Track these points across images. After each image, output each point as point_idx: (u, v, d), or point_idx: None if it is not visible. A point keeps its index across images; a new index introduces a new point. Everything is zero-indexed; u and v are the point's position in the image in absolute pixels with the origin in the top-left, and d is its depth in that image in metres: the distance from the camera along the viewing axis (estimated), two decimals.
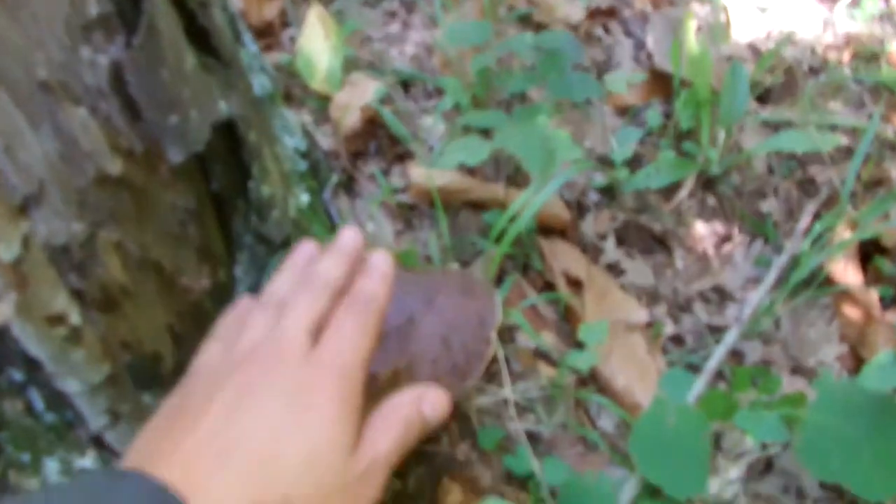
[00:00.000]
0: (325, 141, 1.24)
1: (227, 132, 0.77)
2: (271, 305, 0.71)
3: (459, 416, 0.96)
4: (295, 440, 0.60)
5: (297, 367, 0.63)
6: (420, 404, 0.70)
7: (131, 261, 0.68)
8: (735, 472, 0.93)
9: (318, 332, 0.67)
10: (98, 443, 0.68)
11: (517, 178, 1.19)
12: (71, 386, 0.63)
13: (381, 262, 0.75)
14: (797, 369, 1.06)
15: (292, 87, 1.33)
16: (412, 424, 0.69)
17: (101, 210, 0.64)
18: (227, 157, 0.79)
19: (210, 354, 0.71)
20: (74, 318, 0.60)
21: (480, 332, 0.83)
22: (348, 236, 0.77)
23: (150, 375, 0.75)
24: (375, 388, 0.76)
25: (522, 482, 0.93)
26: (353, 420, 0.63)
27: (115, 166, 0.64)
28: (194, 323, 0.78)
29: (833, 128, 1.31)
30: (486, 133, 1.12)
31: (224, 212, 0.82)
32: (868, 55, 1.46)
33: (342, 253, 0.75)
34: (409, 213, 1.17)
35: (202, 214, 0.77)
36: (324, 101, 1.30)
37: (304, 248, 0.79)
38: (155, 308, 0.73)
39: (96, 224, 0.64)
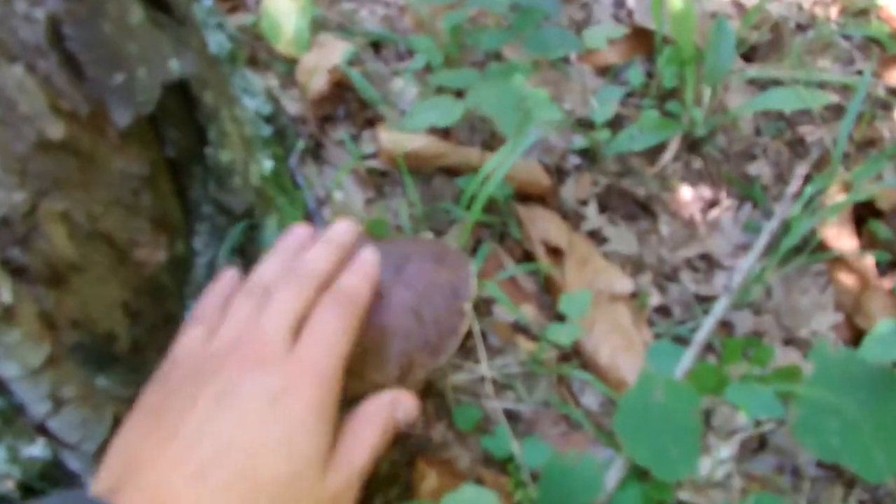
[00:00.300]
0: (292, 106, 1.21)
1: (181, 93, 0.74)
2: (256, 291, 0.72)
3: (434, 394, 0.94)
4: (274, 455, 0.59)
5: (277, 370, 0.64)
6: (395, 410, 0.70)
7: (79, 232, 0.65)
8: (727, 450, 0.91)
9: (300, 324, 0.68)
10: (42, 431, 0.65)
11: (493, 143, 1.16)
12: (8, 369, 0.59)
13: (367, 260, 0.76)
14: (790, 340, 1.03)
15: (257, 50, 1.29)
16: (387, 432, 0.68)
17: (44, 178, 0.61)
18: (182, 119, 0.76)
19: (190, 339, 0.70)
20: (6, 295, 0.57)
21: (454, 303, 0.80)
22: (342, 229, 0.78)
23: (103, 356, 0.72)
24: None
25: (502, 464, 0.90)
26: (330, 429, 0.63)
27: (57, 130, 0.60)
28: (151, 299, 0.76)
29: (822, 85, 1.28)
30: (459, 94, 1.09)
31: (180, 179, 0.79)
32: (856, 10, 1.43)
33: (333, 245, 0.76)
34: (380, 179, 1.14)
35: (156, 182, 0.74)
36: (290, 64, 1.27)
37: (296, 234, 0.79)
38: (107, 283, 0.70)
39: (39, 193, 0.61)
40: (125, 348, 0.73)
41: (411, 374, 0.77)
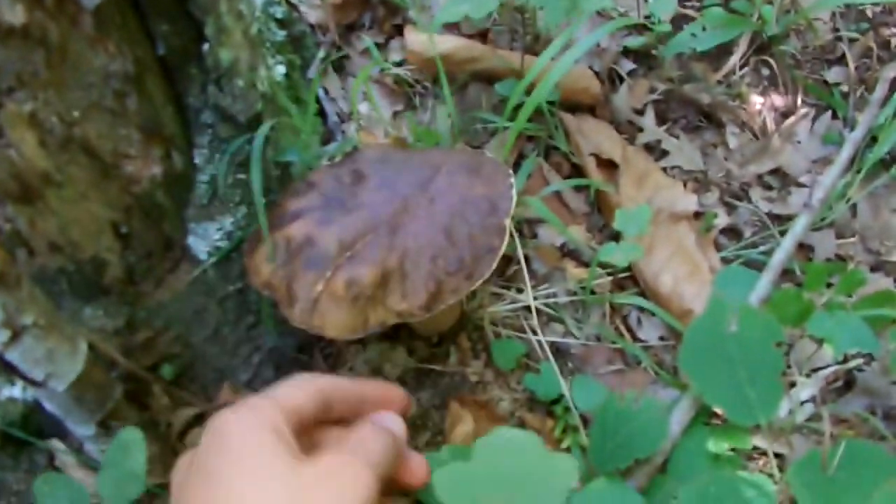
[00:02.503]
0: (313, 14, 1.16)
1: None
2: None
3: (471, 327, 0.90)
4: None
5: None
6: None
7: (52, 139, 0.62)
8: (809, 389, 0.85)
9: None
10: (5, 367, 0.60)
11: (537, 47, 1.10)
12: None
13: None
14: (879, 265, 0.98)
15: None
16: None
17: (5, 73, 0.58)
18: (174, 12, 0.73)
19: None
20: None
21: (491, 219, 0.74)
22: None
23: (91, 285, 0.70)
24: (360, 295, 0.70)
25: (547, 406, 0.86)
26: None
27: (16, 14, 0.57)
28: (145, 221, 0.74)
29: None
30: None
31: (175, 83, 0.76)
32: None
33: None
34: (409, 89, 1.10)
35: (145, 84, 0.71)
36: None
37: None
38: (90, 201, 0.68)
39: (1, 91, 0.58)
40: (118, 277, 0.71)
41: (440, 301, 0.71)
